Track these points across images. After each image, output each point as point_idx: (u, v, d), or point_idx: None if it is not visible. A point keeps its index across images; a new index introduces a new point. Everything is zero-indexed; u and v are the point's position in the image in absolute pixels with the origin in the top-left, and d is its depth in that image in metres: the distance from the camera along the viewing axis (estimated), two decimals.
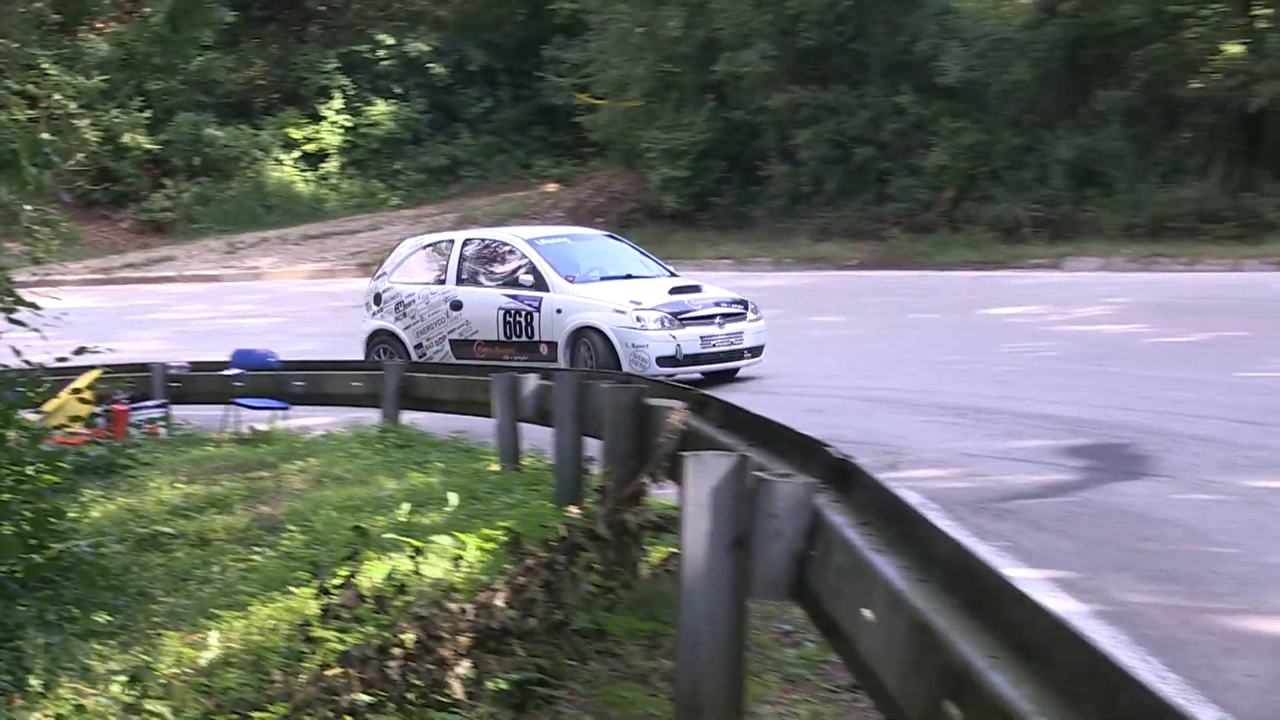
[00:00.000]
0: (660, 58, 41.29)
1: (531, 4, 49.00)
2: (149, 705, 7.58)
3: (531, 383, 14.53)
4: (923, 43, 37.73)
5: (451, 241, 22.72)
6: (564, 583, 7.72)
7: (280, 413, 19.99)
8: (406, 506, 12.48)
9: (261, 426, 19.79)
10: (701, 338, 19.77)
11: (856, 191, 38.68)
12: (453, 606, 7.23)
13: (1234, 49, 37.28)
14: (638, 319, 19.64)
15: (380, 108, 49.74)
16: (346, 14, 51.65)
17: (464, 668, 6.99)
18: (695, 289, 20.83)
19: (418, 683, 6.89)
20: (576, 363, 19.71)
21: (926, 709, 4.28)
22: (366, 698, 6.77)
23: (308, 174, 49.74)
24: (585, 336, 20.02)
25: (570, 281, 20.65)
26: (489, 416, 15.15)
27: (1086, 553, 10.25)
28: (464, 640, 7.05)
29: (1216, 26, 37.97)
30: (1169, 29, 37.75)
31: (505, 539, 9.17)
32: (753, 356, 20.34)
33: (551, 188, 46.31)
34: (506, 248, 21.73)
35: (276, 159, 49.49)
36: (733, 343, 20.08)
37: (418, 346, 21.79)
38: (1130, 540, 10.63)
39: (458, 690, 6.92)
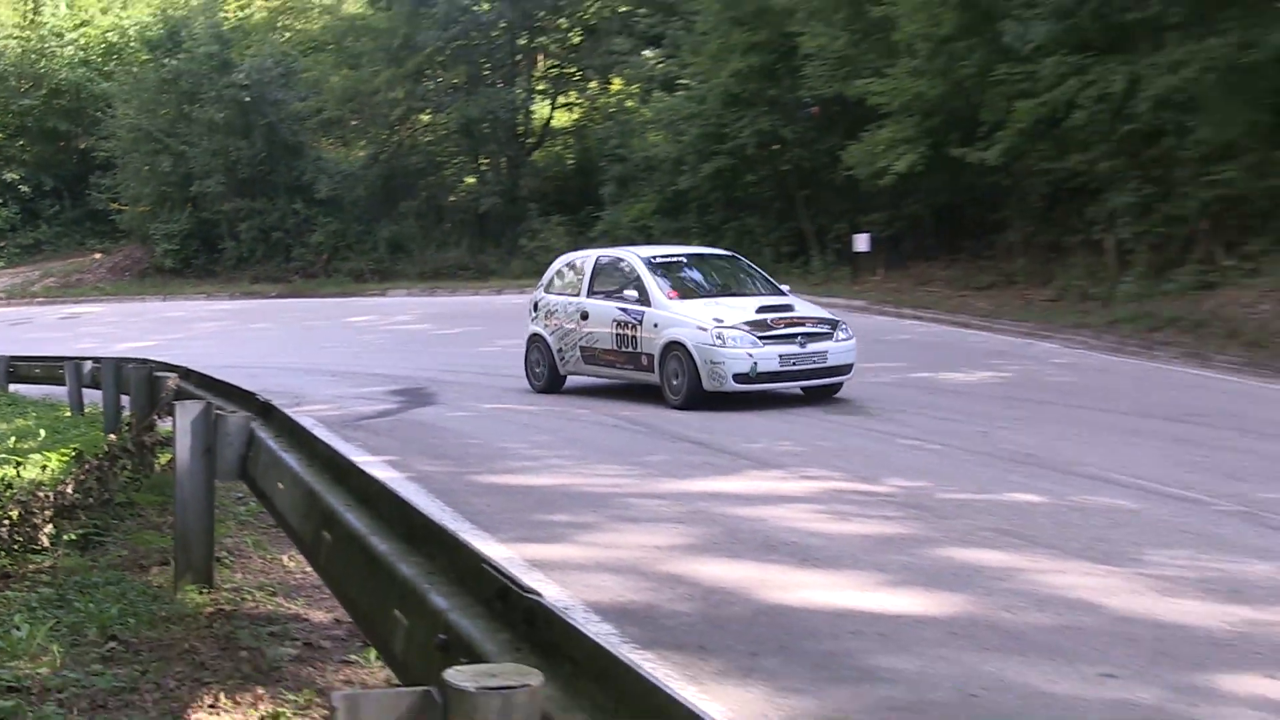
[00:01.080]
0: (160, 183, 38.72)
1: (82, 151, 44.77)
2: None
3: (88, 365, 13.61)
4: (307, 175, 36.97)
5: (588, 258, 14.05)
6: (109, 477, 7.35)
7: None
8: (13, 439, 11.49)
9: None
10: (780, 356, 11.90)
11: (274, 256, 37.53)
12: (41, 494, 6.76)
13: (470, 180, 38.01)
14: (718, 336, 11.86)
15: None
16: None
17: (49, 529, 6.54)
18: (787, 309, 12.53)
19: (19, 539, 6.39)
20: (667, 376, 12.21)
21: (314, 536, 4.27)
22: None
23: None
24: (674, 351, 12.13)
25: (671, 298, 12.64)
26: (64, 385, 14.16)
27: (402, 446, 10.38)
28: (49, 513, 6.60)
29: (460, 169, 38.39)
30: (438, 169, 38.26)
31: (74, 454, 8.68)
32: (840, 375, 12.28)
33: (98, 256, 42.44)
34: (624, 264, 13.27)
35: None
36: (815, 361, 12.05)
37: (559, 351, 13.60)
38: (425, 438, 10.85)
39: (45, 541, 6.47)
